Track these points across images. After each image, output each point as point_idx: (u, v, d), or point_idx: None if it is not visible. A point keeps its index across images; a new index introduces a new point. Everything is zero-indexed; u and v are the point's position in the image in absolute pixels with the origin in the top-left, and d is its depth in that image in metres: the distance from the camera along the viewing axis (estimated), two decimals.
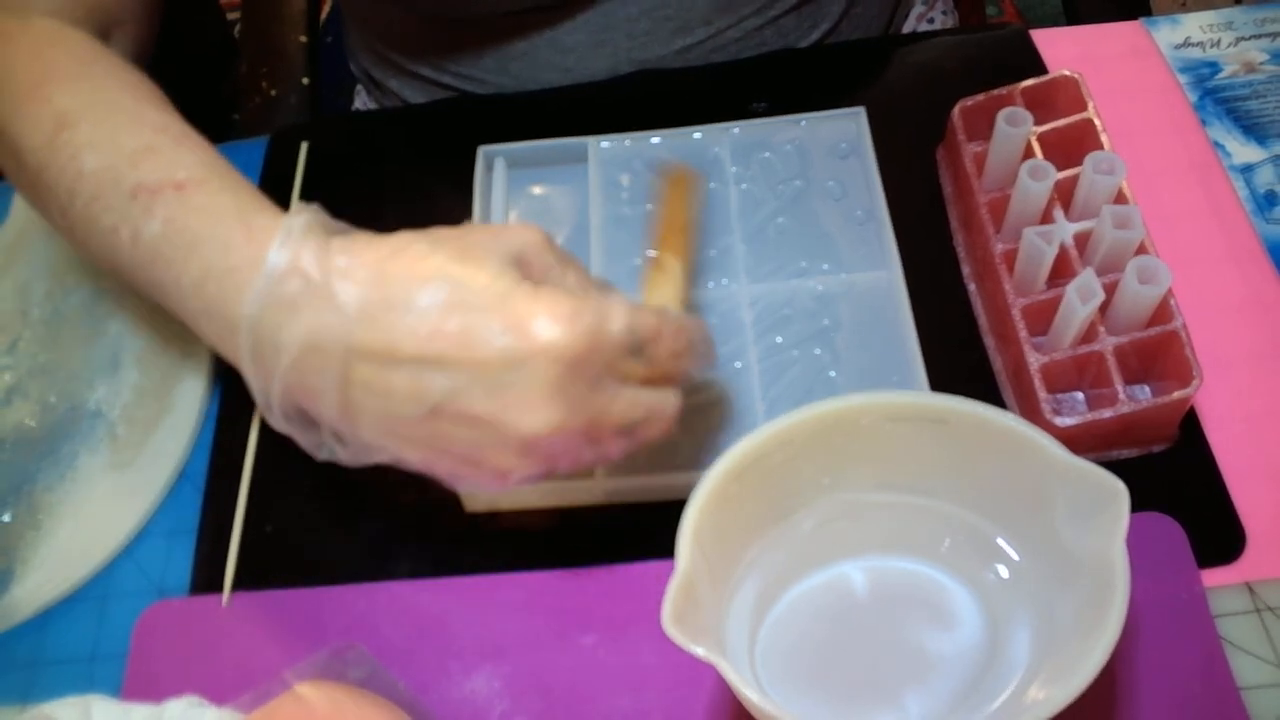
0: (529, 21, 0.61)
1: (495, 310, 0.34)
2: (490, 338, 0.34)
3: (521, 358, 0.34)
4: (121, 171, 0.40)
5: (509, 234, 0.37)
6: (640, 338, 0.36)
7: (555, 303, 0.34)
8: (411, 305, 0.35)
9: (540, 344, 0.34)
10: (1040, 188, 0.47)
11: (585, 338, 0.34)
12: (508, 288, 0.35)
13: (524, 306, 0.34)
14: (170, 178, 0.40)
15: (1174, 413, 0.44)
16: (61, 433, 0.52)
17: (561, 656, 0.43)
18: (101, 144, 0.41)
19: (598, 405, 0.36)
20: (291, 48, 0.76)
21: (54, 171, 0.42)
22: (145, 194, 0.39)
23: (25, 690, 0.46)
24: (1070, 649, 0.35)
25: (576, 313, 0.34)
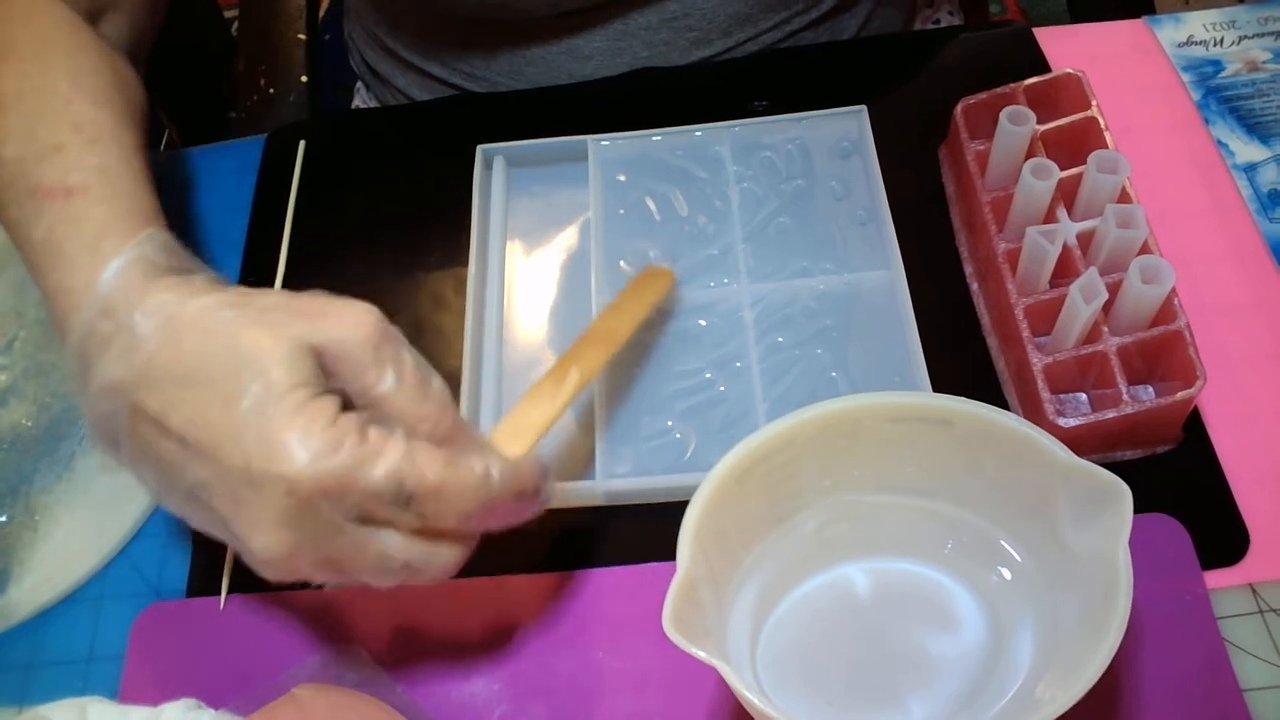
0: (549, 27, 0.60)
1: (257, 414, 0.32)
2: (241, 444, 0.32)
3: (260, 477, 0.32)
4: (29, 166, 0.40)
5: (331, 321, 0.34)
6: (409, 491, 0.33)
7: (311, 431, 0.32)
8: (193, 380, 0.34)
9: (282, 470, 0.32)
10: (1043, 187, 0.46)
11: (330, 478, 0.32)
12: (284, 390, 0.33)
13: (283, 421, 0.32)
14: (63, 182, 0.40)
15: (1177, 413, 0.44)
16: (58, 433, 0.52)
17: (562, 659, 0.43)
18: (21, 135, 0.41)
19: (340, 544, 0.34)
20: (290, 46, 0.76)
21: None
22: (41, 195, 0.40)
23: (22, 692, 0.46)
24: (1073, 651, 0.35)
25: (332, 446, 0.32)
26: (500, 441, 0.39)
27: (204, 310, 0.35)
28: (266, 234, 0.57)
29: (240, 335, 0.34)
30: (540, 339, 0.52)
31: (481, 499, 0.34)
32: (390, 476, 0.33)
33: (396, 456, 0.33)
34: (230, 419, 0.33)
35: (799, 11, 0.62)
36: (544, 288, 0.54)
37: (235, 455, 0.32)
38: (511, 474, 0.35)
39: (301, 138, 0.61)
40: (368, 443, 0.33)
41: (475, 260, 0.53)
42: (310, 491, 0.32)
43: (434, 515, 0.34)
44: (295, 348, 0.34)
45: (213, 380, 0.33)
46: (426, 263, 0.56)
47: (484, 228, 0.54)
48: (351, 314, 0.35)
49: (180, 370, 0.34)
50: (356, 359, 0.34)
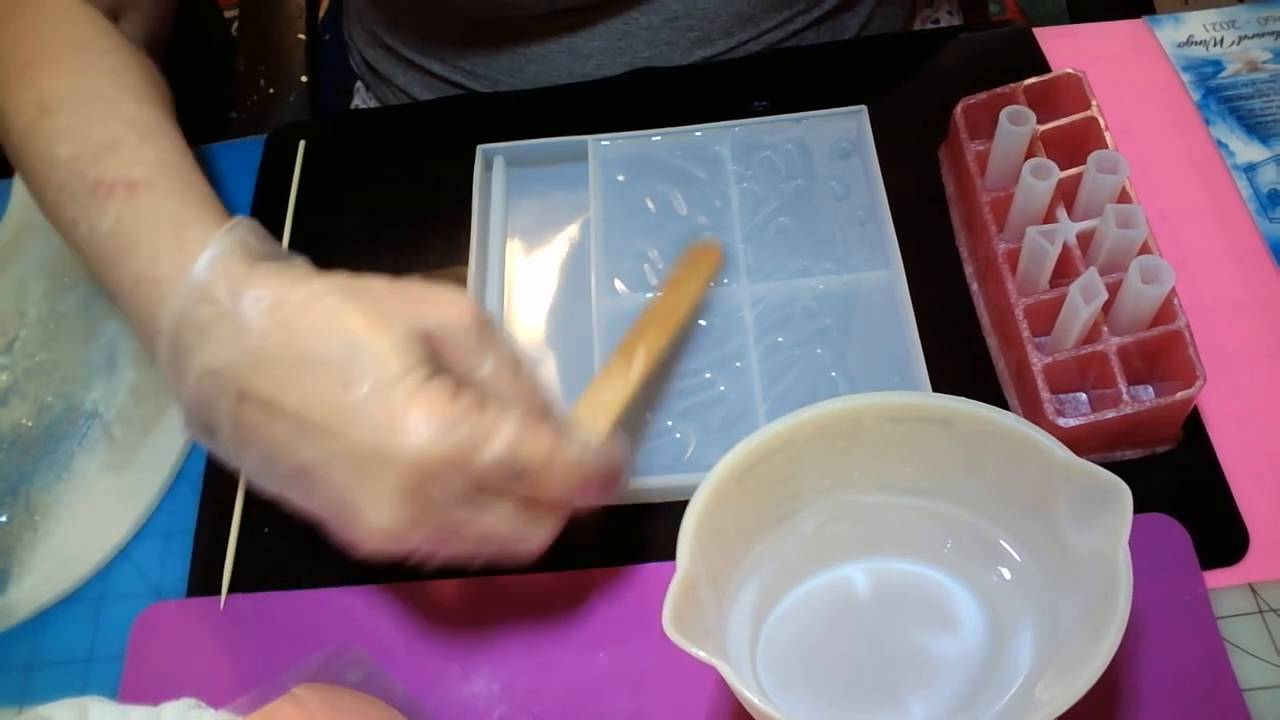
0: (551, 25, 0.60)
1: (376, 395, 0.34)
2: (362, 423, 0.34)
3: (383, 453, 0.33)
4: (86, 165, 0.41)
5: (433, 306, 0.36)
6: (522, 465, 0.35)
7: (435, 408, 0.34)
8: (305, 362, 0.35)
9: (404, 446, 0.33)
10: (1043, 187, 0.46)
11: (452, 451, 0.34)
12: (400, 373, 0.34)
13: (403, 402, 0.34)
14: (125, 176, 0.40)
15: (1177, 413, 0.44)
16: (58, 433, 0.52)
17: (562, 659, 0.43)
18: (74, 134, 0.42)
19: (455, 518, 0.35)
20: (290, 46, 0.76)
21: (32, 157, 0.43)
22: (103, 191, 0.40)
23: (22, 692, 0.46)
24: (1073, 651, 0.35)
25: (452, 424, 0.34)
26: (582, 419, 0.41)
27: (312, 295, 0.36)
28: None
29: (353, 320, 0.35)
30: (540, 339, 0.52)
31: (583, 474, 0.37)
32: (508, 449, 0.34)
33: (513, 432, 0.35)
34: (351, 399, 0.34)
35: (801, 11, 0.62)
36: (544, 288, 0.54)
37: (356, 434, 0.34)
38: (605, 453, 0.38)
39: (301, 138, 0.61)
40: (486, 418, 0.34)
41: (475, 260, 0.53)
42: (435, 465, 0.34)
43: (540, 489, 0.36)
44: (407, 332, 0.35)
45: (326, 364, 0.34)
46: (426, 263, 0.56)
47: (484, 228, 0.54)
48: (453, 300, 0.37)
49: (293, 353, 0.35)
50: (460, 342, 0.36)
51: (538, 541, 0.38)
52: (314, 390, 0.34)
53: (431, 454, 0.33)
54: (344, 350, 0.35)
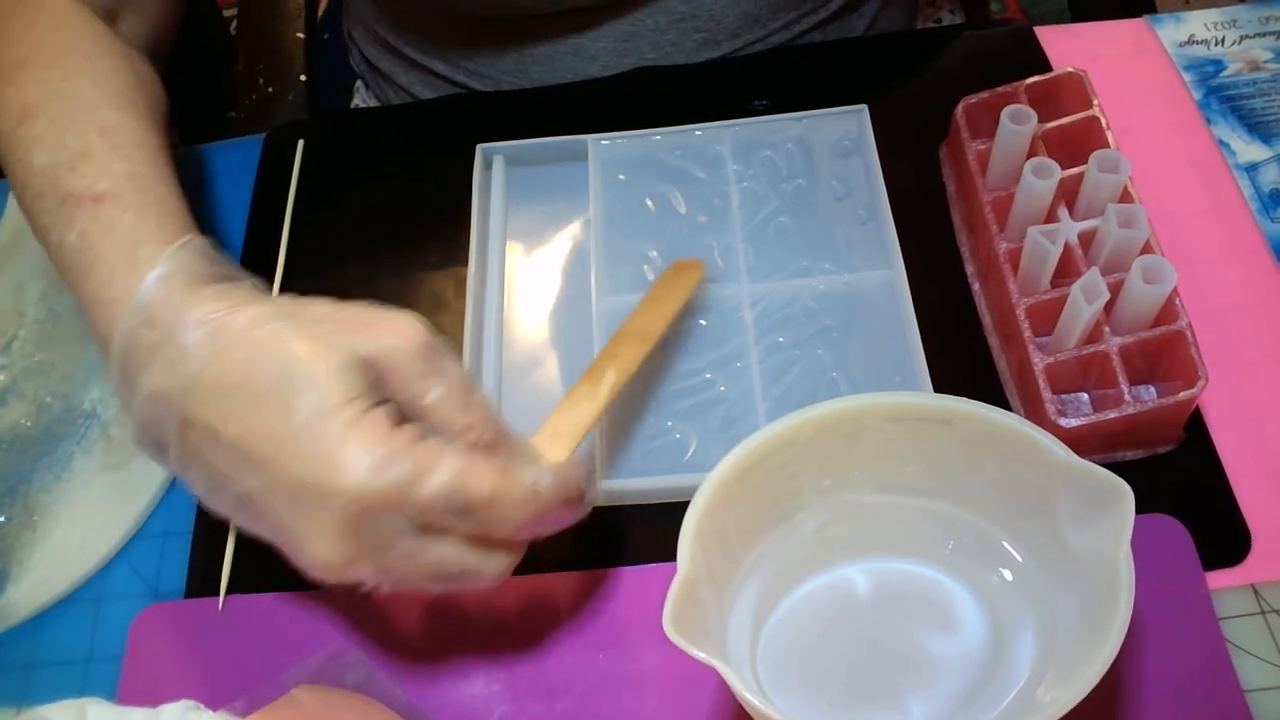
0: (556, 26, 0.60)
1: (313, 426, 0.33)
2: (298, 455, 0.33)
3: (320, 488, 0.32)
4: (59, 174, 0.41)
5: (378, 332, 0.35)
6: (465, 501, 0.33)
7: (372, 441, 0.33)
8: (244, 392, 0.34)
9: (340, 482, 0.32)
10: (1044, 186, 0.46)
11: (389, 487, 0.32)
12: (338, 403, 0.33)
13: (340, 433, 0.33)
14: (92, 189, 0.40)
15: (1179, 413, 0.44)
16: (57, 433, 0.52)
17: (561, 659, 0.43)
18: (50, 141, 0.42)
19: (397, 553, 0.34)
20: (289, 45, 0.75)
21: (13, 161, 0.43)
22: (71, 201, 0.40)
23: (20, 693, 0.45)
24: (1074, 652, 0.35)
25: (390, 459, 0.32)
26: (542, 446, 0.39)
27: (253, 321, 0.35)
28: (265, 233, 0.57)
29: (292, 347, 0.34)
30: (540, 339, 0.52)
31: (533, 509, 0.35)
32: (448, 487, 0.33)
33: (454, 468, 0.33)
34: (287, 431, 0.33)
35: (807, 12, 0.62)
36: (544, 288, 0.54)
37: (293, 467, 0.33)
38: (560, 481, 0.36)
39: (300, 137, 0.61)
40: (426, 453, 0.33)
41: (475, 260, 0.53)
42: (371, 503, 0.32)
43: (490, 523, 0.35)
44: (347, 360, 0.34)
45: (266, 392, 0.34)
46: (426, 263, 0.55)
47: (484, 227, 0.54)
48: (399, 325, 0.35)
49: (231, 381, 0.34)
50: (405, 370, 0.35)
51: (493, 574, 0.36)
52: (252, 419, 0.34)
53: (368, 490, 0.32)
54: (281, 378, 0.34)
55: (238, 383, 0.34)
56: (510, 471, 0.34)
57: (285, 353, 0.34)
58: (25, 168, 0.42)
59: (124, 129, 0.42)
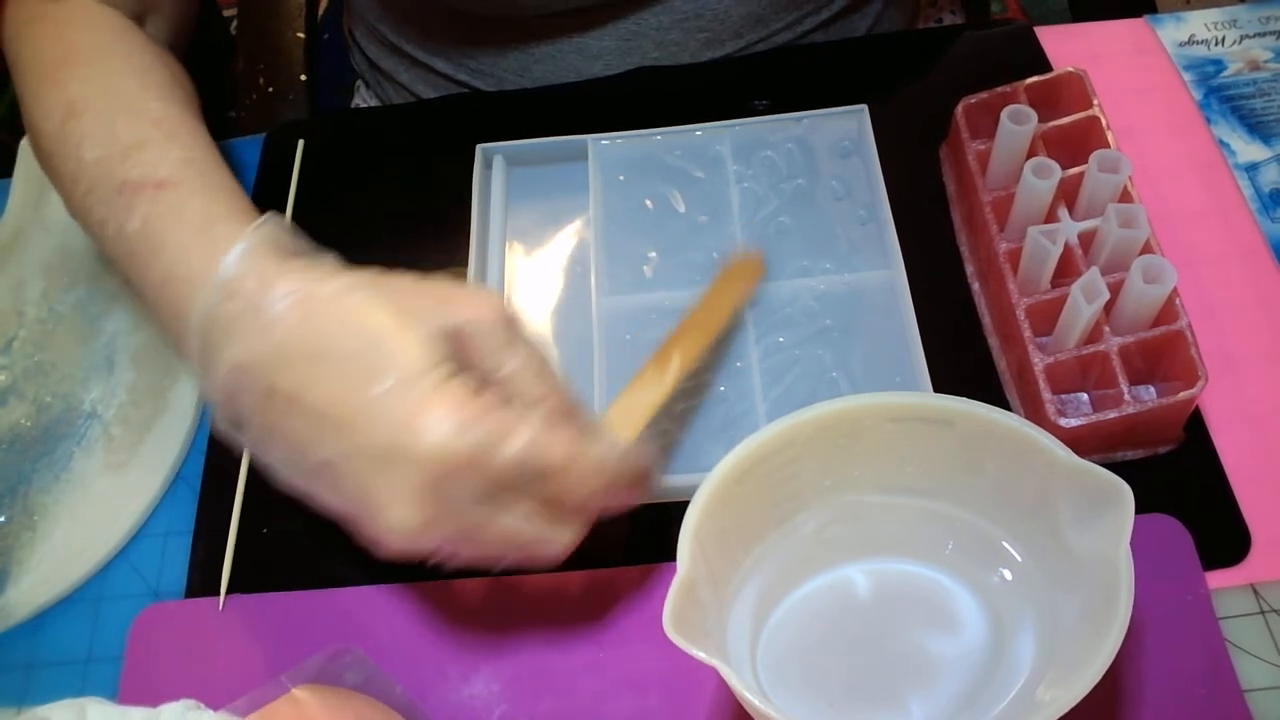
0: (560, 25, 0.60)
1: (397, 392, 0.34)
2: (381, 419, 0.34)
3: (401, 451, 0.33)
4: (113, 165, 0.41)
5: (460, 304, 0.36)
6: (542, 466, 0.35)
7: (454, 406, 0.33)
8: (329, 358, 0.35)
9: (421, 445, 0.33)
10: (1045, 186, 0.46)
11: (470, 450, 0.33)
12: (422, 370, 0.34)
13: (423, 400, 0.33)
14: (152, 176, 0.40)
15: (1179, 413, 0.44)
16: (57, 433, 0.52)
17: (561, 659, 0.43)
18: (100, 135, 0.42)
19: (472, 518, 0.35)
20: (289, 44, 0.75)
21: (60, 159, 0.43)
22: (130, 190, 0.40)
23: (21, 693, 0.46)
24: (1074, 651, 0.35)
25: (470, 424, 0.33)
26: (612, 423, 0.41)
27: (339, 291, 0.36)
28: None
29: (377, 316, 0.35)
30: (540, 339, 0.52)
31: (606, 479, 0.36)
32: (525, 452, 0.34)
33: (531, 434, 0.34)
34: (370, 396, 0.34)
35: (810, 12, 0.62)
36: (544, 287, 0.54)
37: (377, 430, 0.34)
38: (631, 459, 0.37)
39: (300, 137, 0.61)
40: (505, 418, 0.34)
41: (475, 260, 0.53)
42: (451, 465, 0.33)
43: (562, 491, 0.36)
44: (432, 329, 0.35)
45: (351, 359, 0.34)
46: (426, 262, 0.55)
47: (484, 227, 0.54)
48: (480, 298, 0.37)
49: (317, 348, 0.35)
50: (486, 341, 0.36)
51: (561, 545, 0.37)
52: (336, 385, 0.34)
53: (449, 452, 0.33)
54: (368, 346, 0.34)
55: (323, 350, 0.35)
56: (584, 441, 0.36)
57: (371, 321, 0.35)
58: (76, 164, 0.42)
59: (173, 118, 0.43)
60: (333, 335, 0.35)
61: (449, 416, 0.33)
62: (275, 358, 0.35)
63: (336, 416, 0.34)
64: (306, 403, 0.35)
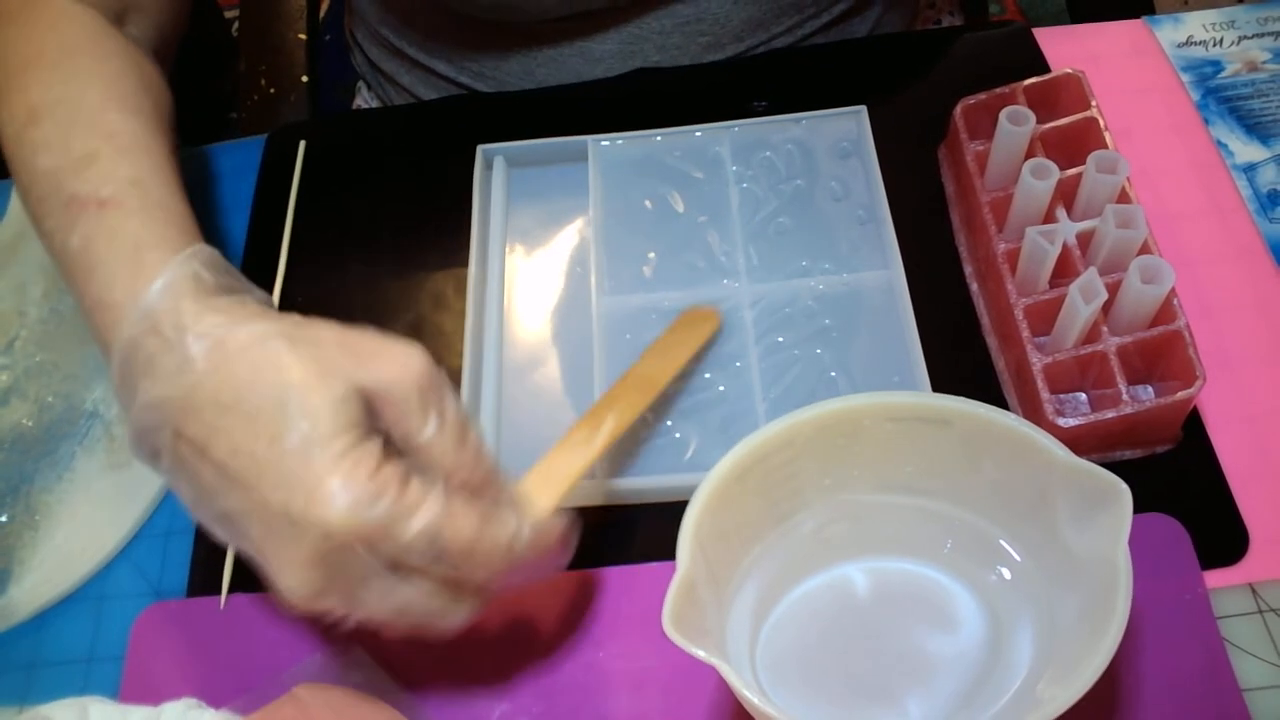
0: (563, 29, 0.60)
1: (299, 454, 0.32)
2: (281, 482, 0.32)
3: (296, 519, 0.32)
4: (64, 177, 0.41)
5: (380, 363, 0.34)
6: (441, 549, 0.33)
7: (354, 478, 0.32)
8: (237, 411, 0.33)
9: (317, 516, 0.32)
10: (1043, 187, 0.46)
11: (367, 528, 0.32)
12: (328, 434, 0.33)
13: (324, 468, 0.32)
14: (96, 193, 0.40)
15: (1177, 413, 0.44)
16: (59, 433, 0.52)
17: (562, 659, 0.43)
18: (55, 145, 0.41)
19: (367, 589, 0.34)
20: (290, 46, 0.76)
21: (18, 163, 0.42)
22: (76, 206, 0.40)
23: (23, 691, 0.46)
24: (1073, 650, 0.35)
25: (369, 499, 0.32)
26: (530, 490, 0.39)
27: (255, 338, 0.35)
28: (267, 234, 0.57)
29: (291, 370, 0.34)
30: (540, 339, 0.52)
31: (509, 558, 0.35)
32: (426, 531, 0.33)
33: (434, 512, 0.33)
34: (273, 455, 0.33)
35: (810, 16, 0.62)
36: (544, 288, 0.54)
37: (275, 493, 0.33)
38: (541, 535, 0.36)
39: (302, 138, 0.61)
40: (408, 495, 0.33)
41: (475, 260, 0.53)
42: (347, 539, 0.32)
43: (464, 569, 0.34)
44: (344, 390, 0.33)
45: (259, 412, 0.33)
46: (426, 263, 0.56)
47: (484, 228, 0.55)
48: (402, 357, 0.35)
49: (226, 398, 0.34)
50: (403, 403, 0.34)
51: (458, 619, 0.36)
52: (240, 440, 0.33)
53: (345, 527, 0.32)
54: (275, 401, 0.33)
55: (232, 401, 0.34)
56: (491, 520, 0.34)
57: (283, 376, 0.33)
58: (30, 171, 0.41)
59: (130, 133, 0.42)
60: (243, 387, 0.34)
61: (348, 489, 0.32)
62: (184, 404, 0.34)
63: (238, 471, 0.33)
64: (210, 454, 0.34)
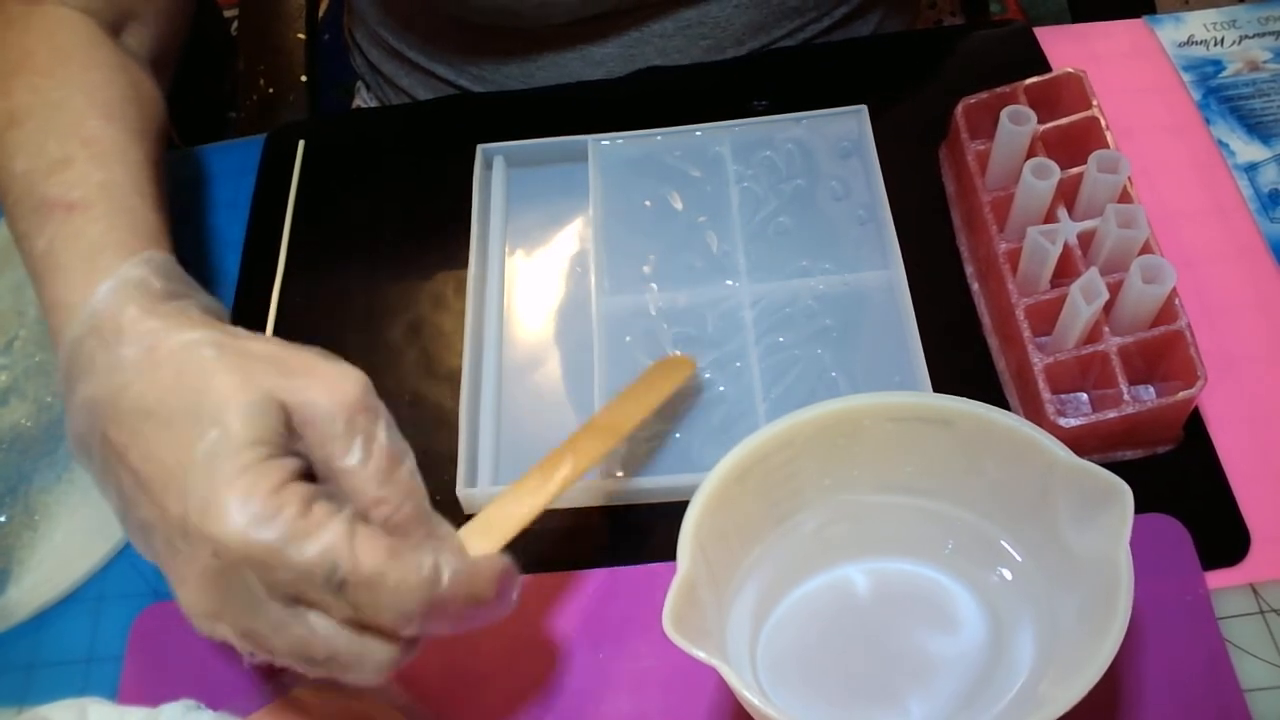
0: (566, 34, 0.60)
1: (206, 465, 0.31)
2: (184, 493, 0.31)
3: (194, 532, 0.31)
4: (37, 180, 0.41)
5: (310, 382, 0.33)
6: (342, 576, 0.30)
7: (254, 493, 0.30)
8: (157, 417, 0.33)
9: (209, 531, 0.30)
10: (1044, 186, 0.46)
11: (260, 547, 0.30)
12: (238, 445, 0.31)
13: (226, 480, 0.31)
14: (65, 197, 0.40)
15: (1178, 413, 0.44)
16: (58, 433, 0.52)
17: (562, 659, 0.43)
18: (32, 148, 0.41)
19: (262, 619, 0.31)
20: (290, 45, 0.76)
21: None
22: (45, 208, 0.40)
23: (21, 692, 0.46)
24: (1074, 651, 0.35)
25: (266, 516, 0.30)
26: (470, 537, 0.36)
27: (185, 346, 0.34)
28: (266, 234, 0.57)
29: (213, 378, 0.33)
30: (540, 339, 0.52)
31: (424, 599, 0.32)
32: (322, 557, 0.30)
33: (333, 537, 0.30)
34: (180, 464, 0.32)
35: (812, 20, 0.62)
36: (544, 288, 0.54)
37: (176, 503, 0.31)
38: (466, 576, 0.33)
39: (301, 137, 0.61)
40: (308, 518, 0.31)
41: (475, 260, 0.53)
42: (236, 558, 0.30)
43: (368, 608, 0.31)
44: (263, 402, 0.32)
45: (174, 420, 0.32)
46: (426, 263, 0.56)
47: (484, 228, 0.54)
48: (334, 379, 0.33)
49: (148, 404, 0.33)
50: (325, 426, 0.32)
51: (371, 667, 0.32)
52: (156, 447, 0.32)
53: (237, 543, 0.30)
54: (193, 408, 0.32)
55: (153, 406, 0.33)
56: (403, 554, 0.31)
57: (204, 383, 0.33)
58: (8, 174, 0.41)
59: (107, 139, 0.42)
60: (165, 392, 0.33)
61: (245, 505, 0.30)
62: (111, 406, 0.34)
63: (149, 479, 0.32)
64: (128, 459, 0.33)
